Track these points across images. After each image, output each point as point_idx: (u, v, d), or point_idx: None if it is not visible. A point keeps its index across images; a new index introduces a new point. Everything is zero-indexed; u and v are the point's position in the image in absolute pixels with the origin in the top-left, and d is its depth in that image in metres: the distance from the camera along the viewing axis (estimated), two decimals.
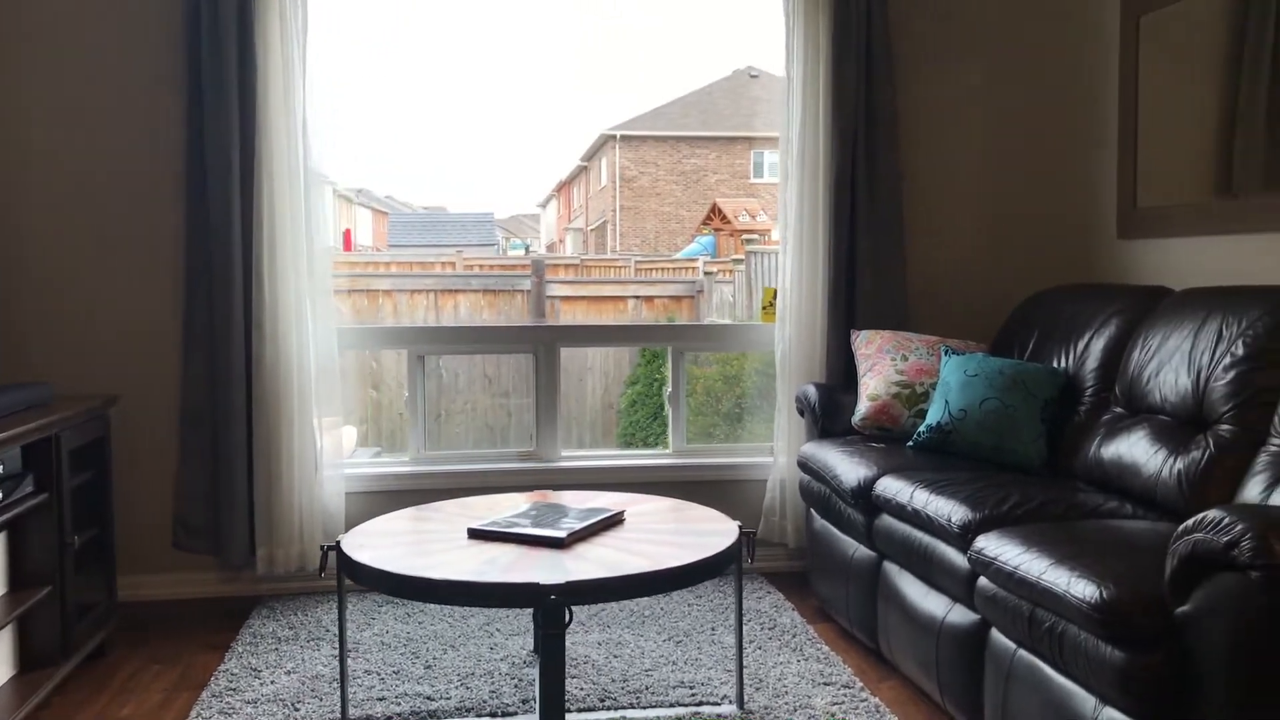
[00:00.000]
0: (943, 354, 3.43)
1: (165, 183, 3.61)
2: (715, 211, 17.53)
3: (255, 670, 3.01)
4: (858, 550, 3.17)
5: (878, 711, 2.70)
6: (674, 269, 11.37)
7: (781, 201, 3.89)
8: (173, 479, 3.64)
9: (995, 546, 2.38)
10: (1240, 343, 2.63)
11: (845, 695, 2.79)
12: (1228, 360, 2.64)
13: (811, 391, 3.68)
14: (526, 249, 22.87)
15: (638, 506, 2.88)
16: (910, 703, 2.80)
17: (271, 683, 2.92)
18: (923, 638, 2.71)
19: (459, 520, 2.71)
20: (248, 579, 3.70)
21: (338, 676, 2.79)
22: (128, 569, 3.55)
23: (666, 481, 3.90)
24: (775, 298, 3.95)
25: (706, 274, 8.61)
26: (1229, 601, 1.78)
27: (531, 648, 3.11)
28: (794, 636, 3.23)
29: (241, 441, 3.57)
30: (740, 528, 2.65)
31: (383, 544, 2.57)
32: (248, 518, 3.60)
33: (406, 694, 2.83)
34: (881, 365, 3.53)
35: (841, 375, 3.82)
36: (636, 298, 8.08)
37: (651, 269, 11.78)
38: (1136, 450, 2.79)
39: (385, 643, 3.20)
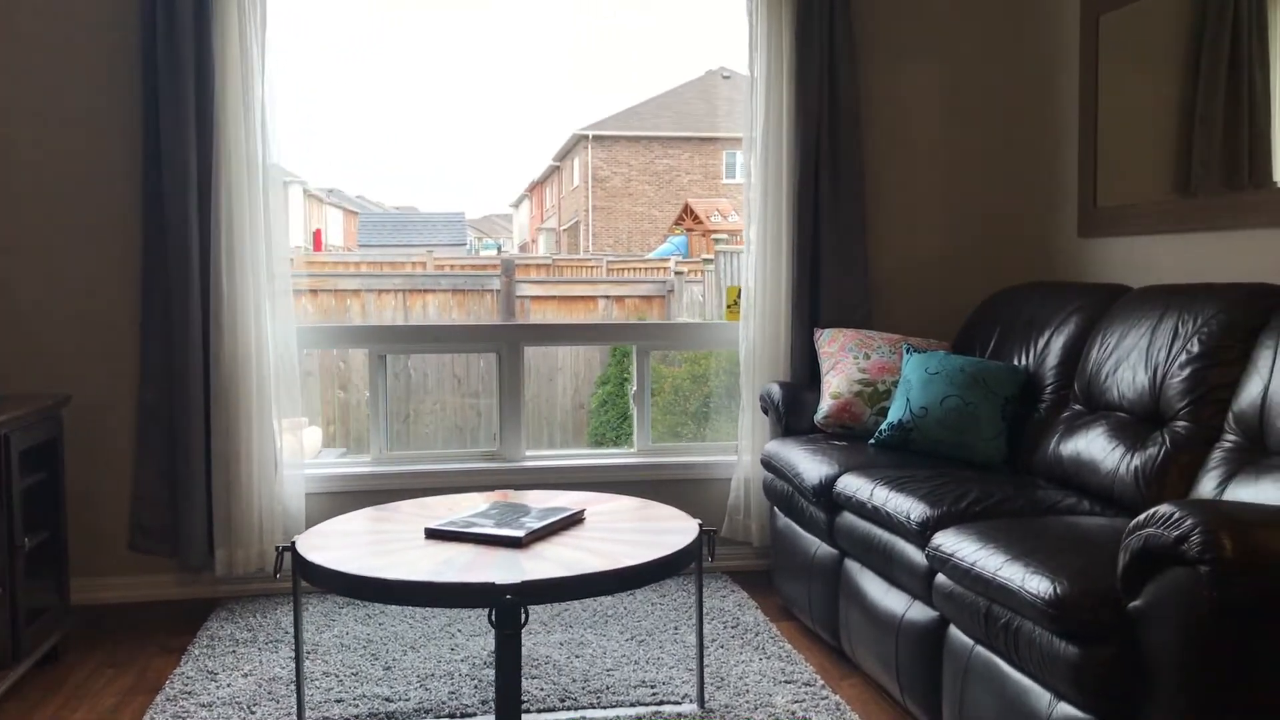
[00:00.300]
0: (904, 352, 3.44)
1: (121, 180, 3.56)
2: (687, 212, 17.56)
3: (212, 673, 2.97)
4: (820, 548, 3.17)
5: (838, 709, 2.69)
6: (646, 269, 11.37)
7: (746, 200, 3.89)
8: (129, 480, 3.58)
9: (952, 543, 2.38)
10: (1195, 340, 2.65)
11: (806, 693, 2.79)
12: (1183, 358, 2.66)
13: (775, 390, 3.68)
14: (499, 249, 22.81)
15: (599, 506, 2.87)
16: (871, 701, 2.80)
17: (228, 685, 2.88)
18: (883, 635, 2.71)
19: (418, 520, 2.69)
20: (206, 581, 3.65)
21: (295, 679, 2.75)
22: (83, 571, 3.50)
23: (631, 481, 3.88)
24: (740, 296, 3.94)
25: (677, 274, 8.62)
26: (1179, 596, 1.79)
27: (493, 648, 3.09)
28: (756, 635, 3.22)
29: (199, 442, 3.52)
30: (700, 526, 2.65)
31: (339, 544, 2.54)
32: (206, 519, 3.55)
33: (365, 696, 2.80)
34: (844, 363, 3.53)
35: (805, 374, 3.82)
36: (607, 298, 8.08)
37: (624, 269, 11.78)
38: (1095, 447, 2.81)
39: (345, 644, 3.17)
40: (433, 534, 2.56)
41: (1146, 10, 3.42)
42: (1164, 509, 1.82)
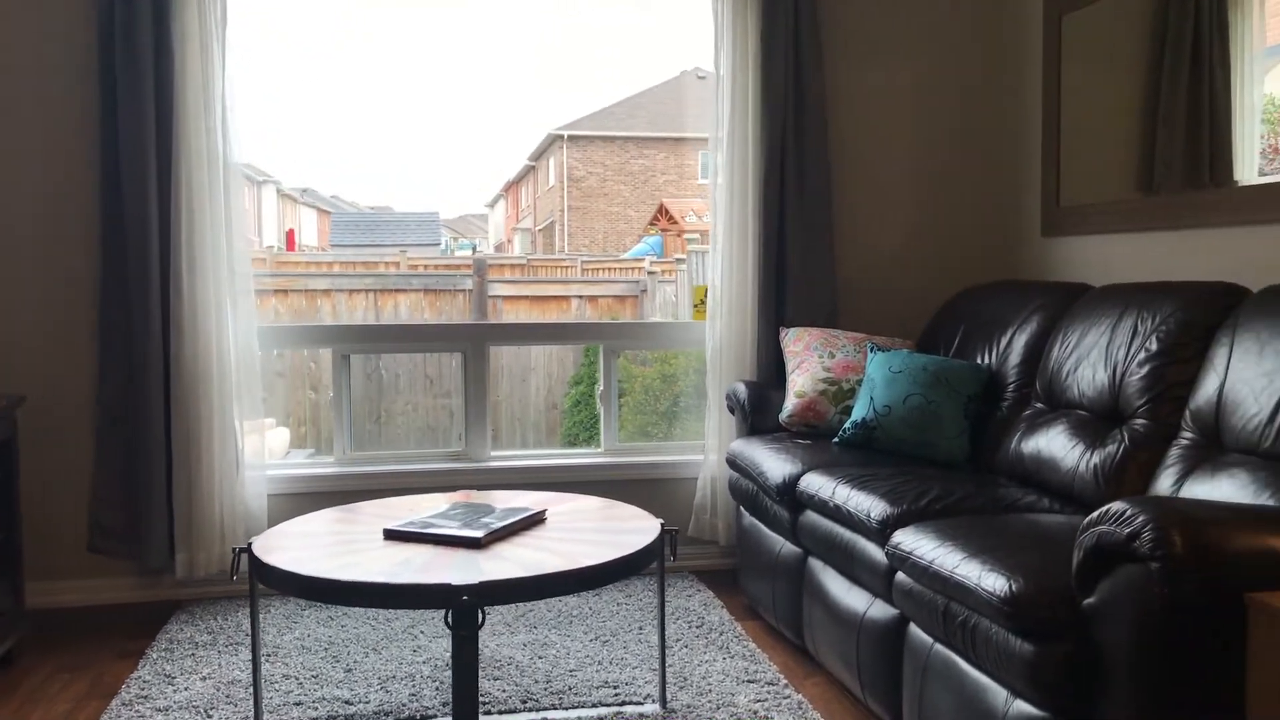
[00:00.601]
0: (869, 351, 3.44)
1: (79, 176, 3.51)
2: (662, 212, 17.54)
3: (169, 677, 2.93)
4: (784, 546, 3.16)
5: (800, 709, 2.69)
6: (621, 269, 11.37)
7: (712, 199, 3.88)
8: (88, 481, 3.53)
9: (912, 541, 2.38)
10: (1154, 338, 2.67)
11: (769, 693, 2.78)
12: (1142, 355, 2.67)
13: (741, 389, 3.67)
14: (474, 249, 22.72)
15: (561, 506, 2.85)
16: (834, 700, 2.79)
17: (185, 689, 2.85)
18: (845, 633, 2.71)
19: (378, 521, 2.66)
20: (167, 583, 3.61)
21: (252, 682, 2.72)
22: (41, 575, 3.45)
23: (598, 481, 3.87)
24: (707, 296, 3.93)
25: (649, 274, 8.62)
26: (1131, 593, 1.79)
27: None
28: (721, 634, 3.21)
29: (160, 443, 3.48)
30: (663, 525, 2.63)
31: (297, 545, 2.51)
32: (167, 520, 3.51)
33: (324, 698, 2.77)
34: (809, 362, 3.53)
35: (772, 372, 3.81)
36: (580, 297, 8.06)
37: (598, 269, 11.77)
38: (1055, 445, 2.82)
39: (306, 646, 3.14)
40: (391, 535, 2.53)
41: (1108, 11, 3.44)
42: (1116, 506, 1.83)
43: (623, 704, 2.72)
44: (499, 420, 7.49)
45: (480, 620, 2.18)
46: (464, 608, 2.16)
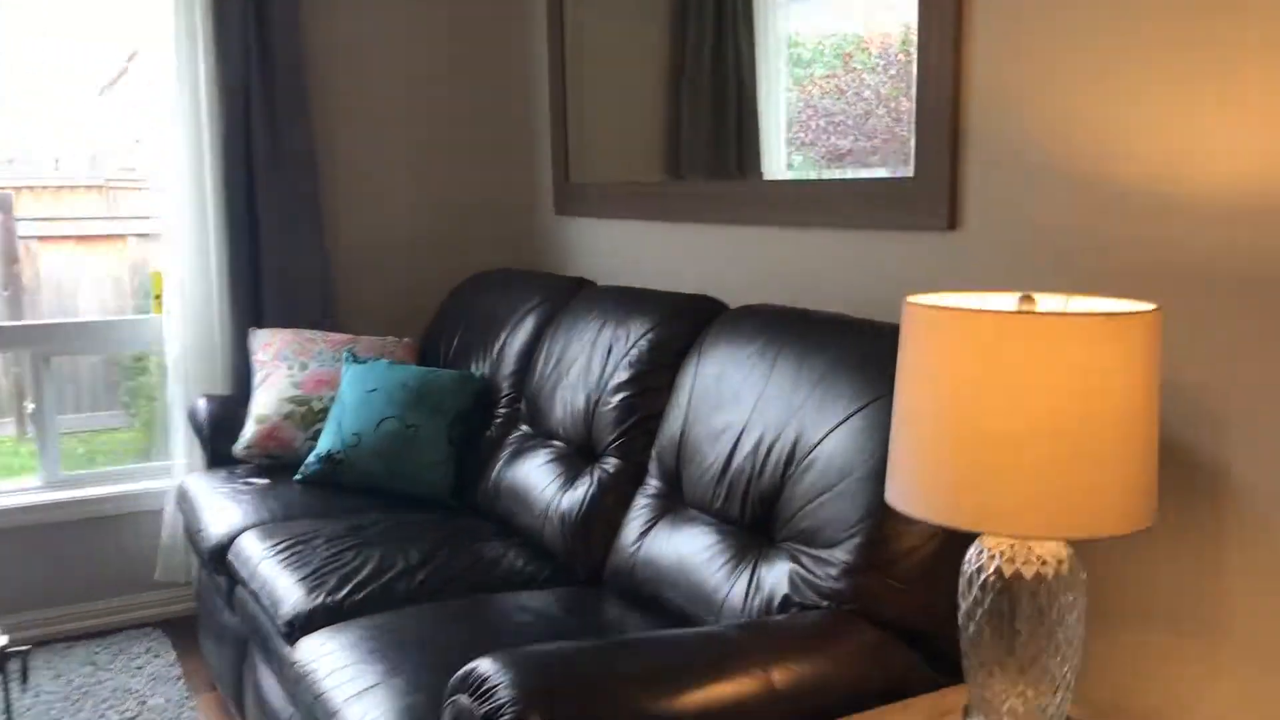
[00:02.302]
0: (345, 362, 2.89)
1: None
2: None
3: None
4: (230, 616, 2.59)
5: None
6: None
7: (157, 172, 3.13)
8: None
9: (316, 653, 1.90)
10: (625, 362, 2.33)
11: None
12: (614, 383, 2.34)
13: (202, 407, 3.00)
14: None
15: None
16: None
17: None
18: None
19: None
20: None
21: None
22: None
23: (32, 525, 3.09)
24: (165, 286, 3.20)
25: None
26: None
27: None
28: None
29: None
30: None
31: None
32: None
33: None
34: (277, 375, 2.93)
35: (247, 383, 3.17)
36: None
37: None
38: (532, 481, 2.45)
39: None
40: None
41: None
42: (484, 667, 1.42)
43: None
44: None
45: None
46: None
